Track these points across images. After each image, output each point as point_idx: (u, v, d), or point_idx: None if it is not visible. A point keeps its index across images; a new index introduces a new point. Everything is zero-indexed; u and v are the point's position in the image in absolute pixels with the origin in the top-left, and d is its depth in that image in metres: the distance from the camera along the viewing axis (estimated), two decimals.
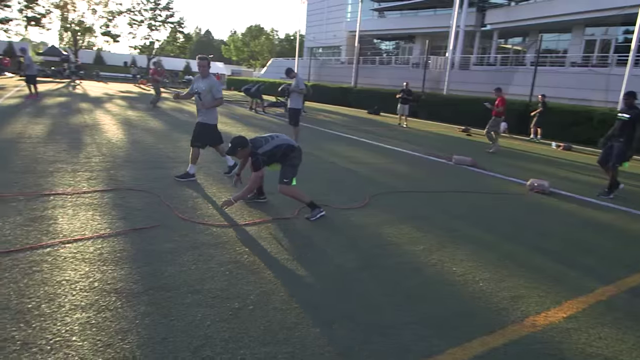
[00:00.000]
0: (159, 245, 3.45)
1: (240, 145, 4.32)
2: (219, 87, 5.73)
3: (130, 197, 4.68)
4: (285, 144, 4.45)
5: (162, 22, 53.43)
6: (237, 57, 78.95)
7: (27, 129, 8.82)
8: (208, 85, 5.65)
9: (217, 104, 5.78)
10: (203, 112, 5.79)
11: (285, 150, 4.44)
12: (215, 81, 5.77)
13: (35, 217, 3.86)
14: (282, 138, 4.53)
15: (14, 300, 2.50)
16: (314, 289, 2.94)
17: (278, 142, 4.43)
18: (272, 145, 4.37)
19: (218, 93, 5.71)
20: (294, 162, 4.50)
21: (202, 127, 5.79)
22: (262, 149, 4.31)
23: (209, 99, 5.67)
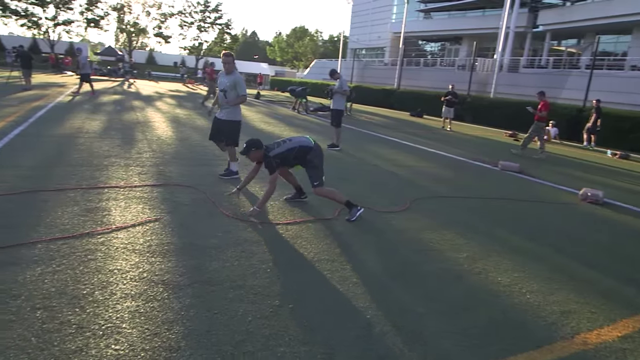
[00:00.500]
0: (204, 241, 3.56)
1: (255, 145, 4.37)
2: (243, 83, 5.64)
3: (178, 193, 4.86)
4: (298, 146, 4.46)
5: (210, 23, 55.14)
6: (281, 58, 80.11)
7: (85, 124, 9.36)
8: (232, 82, 5.55)
9: (242, 101, 5.69)
10: (228, 109, 5.71)
11: (299, 153, 4.45)
12: (240, 77, 5.65)
13: (91, 208, 4.09)
14: (295, 141, 4.53)
15: (70, 285, 2.66)
16: (353, 291, 2.93)
17: (290, 145, 4.45)
18: (284, 149, 4.41)
19: (242, 90, 5.60)
20: (314, 163, 4.50)
21: (228, 124, 5.70)
22: (274, 151, 4.37)
23: (233, 95, 5.61)
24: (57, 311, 2.37)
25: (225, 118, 5.74)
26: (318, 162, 4.53)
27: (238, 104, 5.73)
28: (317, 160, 4.52)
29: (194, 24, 54.36)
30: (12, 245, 3.12)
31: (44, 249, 3.12)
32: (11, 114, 9.76)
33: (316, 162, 4.51)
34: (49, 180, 4.87)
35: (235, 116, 5.78)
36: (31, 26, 47.95)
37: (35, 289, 2.57)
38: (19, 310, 2.35)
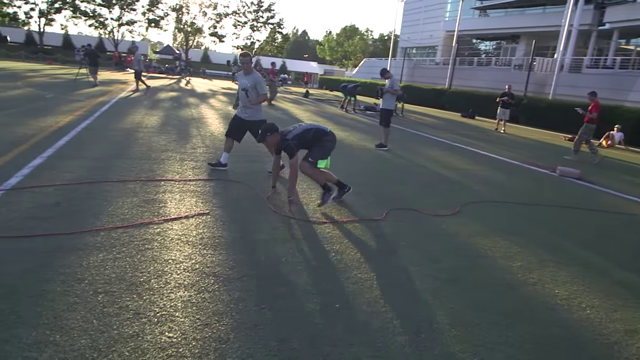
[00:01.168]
0: (253, 236, 3.63)
1: (270, 130, 4.35)
2: (262, 83, 5.71)
3: (230, 188, 5.00)
4: (315, 128, 4.51)
5: (263, 23, 56.28)
6: (330, 57, 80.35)
7: (144, 120, 9.85)
8: (253, 82, 5.62)
9: (262, 100, 5.77)
10: (251, 109, 5.75)
11: (315, 134, 4.47)
12: (259, 77, 5.71)
13: (149, 199, 4.30)
14: (311, 124, 4.61)
15: (129, 273, 2.80)
16: (400, 295, 2.88)
17: (307, 127, 4.49)
18: (301, 130, 4.42)
19: (262, 89, 5.70)
20: (326, 145, 4.52)
21: (255, 125, 5.57)
22: (291, 134, 4.37)
23: (254, 95, 5.66)
24: (117, 296, 2.51)
25: (250, 119, 5.80)
26: (330, 146, 4.55)
27: (260, 103, 5.80)
28: (330, 145, 4.55)
29: (247, 23, 55.77)
30: (77, 231, 3.34)
31: (105, 236, 3.31)
32: (79, 109, 10.46)
33: (329, 145, 4.54)
34: (112, 172, 5.16)
35: (260, 115, 5.88)
36: (98, 26, 51.17)
37: (97, 274, 2.74)
38: (82, 293, 2.51)
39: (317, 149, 4.47)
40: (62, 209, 3.82)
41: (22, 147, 5.94)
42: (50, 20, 49.93)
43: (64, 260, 2.87)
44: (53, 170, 4.93)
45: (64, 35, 55.31)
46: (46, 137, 6.76)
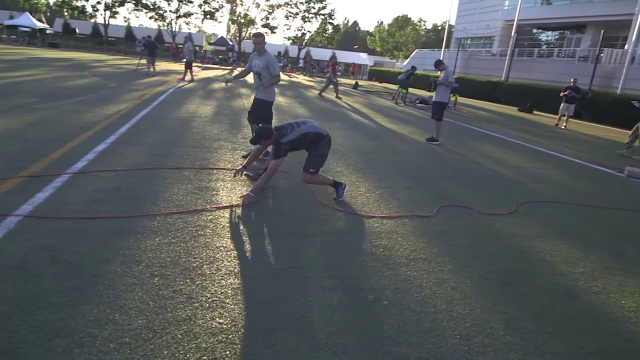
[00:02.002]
0: (301, 227, 3.65)
1: (265, 135, 4.13)
2: (276, 64, 5.60)
3: (278, 178, 5.05)
4: (313, 132, 4.28)
5: (314, 14, 56.28)
6: (381, 48, 79.10)
7: (199, 109, 10.18)
8: (265, 63, 5.53)
9: (275, 82, 5.66)
10: (264, 89, 5.71)
11: (312, 138, 4.27)
12: (272, 58, 5.59)
13: (202, 187, 4.43)
14: (310, 125, 4.34)
15: (183, 257, 2.90)
16: (451, 296, 2.78)
17: (305, 130, 4.24)
18: (297, 134, 4.18)
19: (275, 70, 5.59)
20: (321, 151, 4.35)
21: (259, 103, 5.71)
22: (287, 137, 4.13)
23: (267, 76, 5.59)
24: (171, 280, 2.60)
25: (260, 97, 5.76)
26: (325, 151, 4.39)
27: (272, 85, 5.70)
28: (325, 149, 4.39)
29: (298, 14, 56.00)
30: (136, 216, 3.50)
31: (162, 221, 3.45)
32: (138, 98, 10.98)
33: (324, 151, 4.38)
34: (168, 159, 5.37)
35: (268, 96, 5.76)
36: (157, 18, 53.34)
37: (154, 257, 2.85)
38: (140, 275, 2.63)
39: (313, 158, 4.33)
40: (122, 193, 4.01)
41: (88, 133, 6.31)
42: (114, 13, 52.66)
43: (124, 242, 3.02)
44: (115, 156, 5.20)
45: (127, 27, 58.21)
46: (109, 124, 7.15)
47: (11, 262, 2.59)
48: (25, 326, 2.05)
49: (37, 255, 2.70)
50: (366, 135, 9.22)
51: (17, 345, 1.92)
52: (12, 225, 3.08)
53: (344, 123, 10.75)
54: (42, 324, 2.08)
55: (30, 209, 3.41)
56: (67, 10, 52.62)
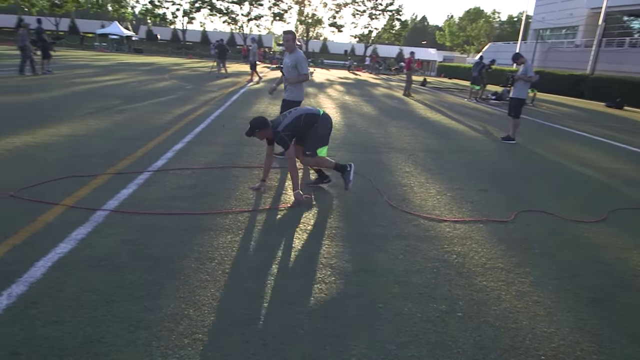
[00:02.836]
0: (368, 229, 3.57)
1: (258, 126, 4.00)
2: (304, 62, 5.41)
3: None
4: (305, 113, 4.18)
5: (382, 10, 55.59)
6: (450, 43, 76.26)
7: (268, 109, 10.44)
8: (293, 60, 5.40)
9: (302, 80, 5.48)
10: (289, 88, 5.57)
11: (307, 119, 4.16)
12: (301, 56, 5.44)
13: (271, 186, 4.51)
14: (300, 110, 4.26)
15: (252, 256, 2.95)
16: (534, 311, 2.55)
17: (296, 114, 4.16)
18: (291, 118, 4.10)
19: (303, 69, 5.41)
20: (319, 132, 4.21)
21: (287, 104, 5.53)
22: (282, 124, 4.03)
23: (294, 74, 5.46)
24: (231, 278, 2.65)
25: (288, 99, 5.60)
26: (323, 132, 4.25)
27: (298, 83, 5.54)
28: (322, 130, 4.24)
29: (365, 12, 55.64)
30: (209, 213, 3.63)
31: (233, 219, 3.55)
32: (212, 99, 11.50)
33: (321, 132, 4.23)
34: (240, 158, 5.54)
35: (296, 96, 5.61)
36: (230, 22, 55.69)
37: (226, 255, 2.93)
38: (213, 272, 2.70)
39: (311, 139, 4.21)
40: (197, 190, 4.19)
41: (167, 132, 6.70)
42: (191, 19, 55.92)
43: (198, 239, 3.14)
44: (191, 155, 5.46)
45: (202, 32, 61.49)
46: (186, 124, 7.54)
47: (99, 255, 2.79)
48: (110, 317, 2.18)
49: (121, 249, 2.89)
50: (435, 133, 8.89)
51: (102, 335, 2.04)
52: (101, 219, 3.32)
53: (411, 121, 10.46)
54: (124, 316, 2.20)
55: (116, 204, 3.66)
56: (150, 18, 56.79)
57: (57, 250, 2.80)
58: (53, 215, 3.33)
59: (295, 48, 5.46)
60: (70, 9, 54.84)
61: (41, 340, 1.97)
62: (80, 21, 58.26)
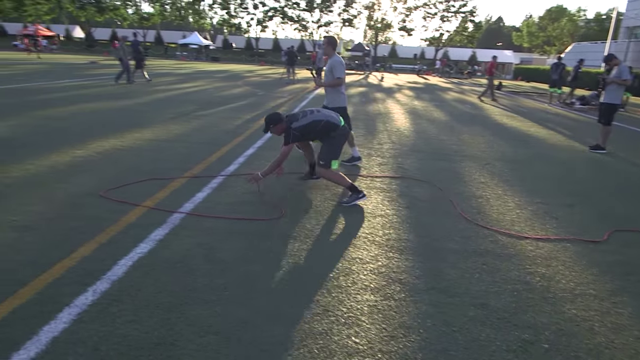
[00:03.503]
0: (441, 243, 3.38)
1: (273, 121, 4.08)
2: (339, 66, 5.42)
3: (415, 187, 4.82)
4: (325, 120, 4.06)
5: (454, 12, 53.85)
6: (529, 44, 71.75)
7: None
8: (330, 65, 5.44)
9: (335, 84, 5.45)
10: (328, 94, 5.60)
11: (324, 127, 4.06)
12: (337, 61, 5.43)
13: (338, 193, 4.45)
14: (324, 113, 4.14)
15: (324, 267, 2.90)
16: (635, 350, 2.23)
17: (316, 117, 4.07)
18: (308, 120, 4.05)
19: (338, 72, 5.41)
20: (335, 141, 4.11)
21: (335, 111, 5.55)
22: (297, 124, 4.03)
23: (329, 78, 5.45)
24: (308, 288, 2.61)
25: (329, 105, 5.58)
26: (338, 143, 4.14)
27: (331, 86, 5.51)
28: (338, 140, 4.13)
29: (437, 14, 54.19)
30: (275, 218, 3.65)
31: (300, 226, 3.53)
32: (283, 104, 11.77)
33: (337, 142, 4.13)
34: (306, 165, 5.55)
35: (334, 103, 5.57)
36: (301, 29, 57.01)
37: (292, 263, 2.91)
38: (279, 280, 2.69)
39: (327, 149, 4.11)
40: (265, 197, 4.25)
41: (239, 138, 6.94)
42: (264, 27, 58.00)
43: (267, 245, 3.16)
44: (262, 160, 5.58)
45: (274, 40, 63.55)
46: (257, 129, 7.76)
47: (175, 257, 2.90)
48: (183, 319, 2.24)
49: (195, 252, 2.98)
50: (512, 141, 8.34)
51: (175, 337, 2.10)
52: (177, 222, 3.47)
53: (486, 127, 9.92)
54: (195, 319, 2.25)
55: (191, 207, 3.81)
56: (227, 27, 59.76)
57: (137, 250, 2.95)
58: (135, 215, 3.54)
59: (332, 53, 5.53)
60: (157, 21, 59.42)
61: (120, 338, 2.06)
62: (165, 32, 62.84)
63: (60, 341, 2.01)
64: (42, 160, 5.00)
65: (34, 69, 19.52)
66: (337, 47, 5.87)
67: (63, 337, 2.04)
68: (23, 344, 1.97)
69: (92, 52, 46.79)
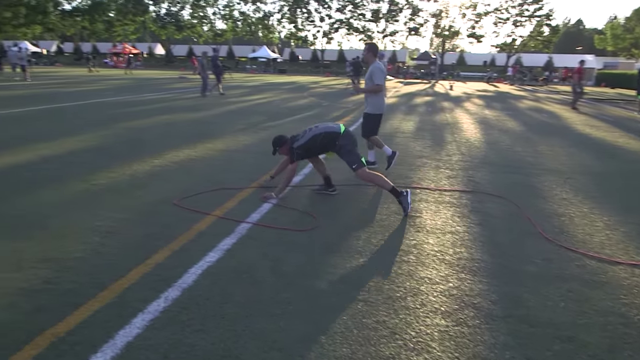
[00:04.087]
0: (518, 265, 3.12)
1: (279, 144, 4.46)
2: (378, 73, 5.46)
3: (488, 202, 4.53)
4: (323, 133, 4.31)
5: (528, 16, 51.12)
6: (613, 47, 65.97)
7: (401, 124, 10.25)
8: (369, 72, 5.50)
9: (373, 90, 5.51)
10: (367, 101, 5.70)
11: (325, 139, 4.29)
12: (376, 68, 5.45)
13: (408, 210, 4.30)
14: (321, 127, 4.39)
15: (385, 284, 2.78)
16: None
17: (314, 133, 4.33)
18: (307, 138, 4.32)
19: (377, 79, 5.46)
20: (347, 147, 4.27)
21: (364, 117, 5.82)
22: (297, 142, 4.33)
23: (369, 85, 5.52)
24: (374, 308, 2.51)
25: (366, 111, 5.77)
26: (351, 147, 4.28)
27: (369, 92, 5.58)
28: (349, 146, 4.28)
29: (509, 19, 51.75)
30: (307, 228, 3.59)
31: (366, 241, 3.44)
32: (348, 114, 11.77)
33: (349, 147, 4.27)
34: None
35: (370, 109, 5.70)
36: (366, 40, 57.19)
37: (358, 280, 2.82)
38: (345, 297, 2.61)
39: (346, 156, 4.28)
40: (330, 207, 4.21)
41: None
42: (330, 39, 58.89)
43: (331, 259, 3.10)
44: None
45: (339, 51, 64.25)
46: None
47: (242, 267, 2.94)
48: (248, 332, 2.24)
49: (261, 263, 3.00)
50: (597, 153, 7.63)
51: (240, 350, 2.10)
52: (244, 232, 3.53)
53: (566, 138, 9.18)
54: (260, 333, 2.24)
55: (258, 217, 3.87)
56: (294, 40, 61.46)
57: (206, 258, 3.03)
58: (205, 224, 3.66)
59: (373, 60, 5.52)
60: (229, 37, 62.64)
61: (188, 347, 2.10)
62: (236, 47, 66.04)
63: (133, 346, 2.08)
64: (125, 169, 5.37)
65: (121, 84, 21.35)
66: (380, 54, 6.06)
67: (136, 343, 2.11)
68: (100, 347, 2.07)
69: (171, 68, 50.28)
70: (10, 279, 2.67)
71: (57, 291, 2.55)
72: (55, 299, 2.47)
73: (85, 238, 3.30)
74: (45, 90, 16.30)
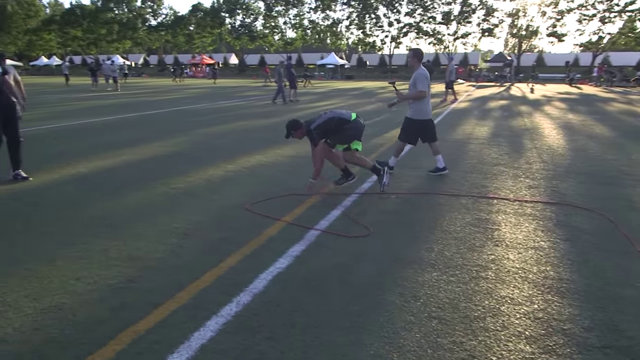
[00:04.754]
0: (615, 288, 2.78)
1: (293, 127, 4.63)
2: (419, 79, 5.42)
3: (576, 216, 4.13)
4: (338, 117, 4.63)
5: (618, 12, 46.73)
6: None
7: (475, 130, 9.76)
8: (413, 78, 5.49)
9: (414, 96, 5.49)
10: (410, 105, 5.66)
11: (338, 123, 4.61)
12: (420, 73, 5.43)
13: (481, 218, 4.05)
14: (336, 112, 4.73)
15: (462, 302, 2.61)
16: None
17: (330, 116, 4.65)
18: (323, 119, 4.62)
19: (420, 85, 5.42)
20: (346, 133, 4.64)
21: (405, 121, 5.77)
22: (314, 124, 4.59)
23: (413, 91, 5.49)
24: (450, 327, 2.35)
25: (408, 116, 5.71)
26: (350, 134, 4.65)
27: (411, 99, 5.57)
28: (350, 132, 4.64)
29: (595, 15, 47.63)
30: (413, 242, 3.45)
31: (439, 253, 3.27)
32: None
33: (348, 133, 4.64)
34: (443, 184, 5.23)
35: (411, 114, 5.66)
36: (436, 43, 55.73)
37: (432, 295, 2.68)
38: (418, 313, 2.49)
39: (336, 135, 4.62)
40: (400, 216, 4.08)
41: (373, 155, 6.88)
42: (398, 44, 58.11)
43: (402, 272, 2.98)
44: (395, 179, 5.42)
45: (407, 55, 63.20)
46: (391, 146, 7.63)
47: (311, 275, 2.92)
48: (317, 343, 2.20)
49: (331, 272, 2.96)
50: None
51: None
52: (313, 239, 3.53)
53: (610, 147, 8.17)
54: (329, 345, 2.19)
55: (327, 224, 3.85)
56: (361, 46, 61.47)
57: (277, 264, 3.05)
58: (275, 230, 3.71)
59: (418, 65, 5.52)
60: (298, 45, 64.20)
61: (258, 355, 2.10)
62: (305, 54, 67.49)
63: (207, 349, 2.13)
64: (201, 174, 5.63)
65: (199, 92, 22.65)
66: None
67: (210, 346, 2.16)
68: (177, 348, 2.14)
69: (243, 76, 52.54)
70: (100, 276, 2.88)
71: (139, 289, 2.70)
72: (137, 297, 2.61)
73: (164, 239, 3.48)
74: (133, 100, 17.74)
